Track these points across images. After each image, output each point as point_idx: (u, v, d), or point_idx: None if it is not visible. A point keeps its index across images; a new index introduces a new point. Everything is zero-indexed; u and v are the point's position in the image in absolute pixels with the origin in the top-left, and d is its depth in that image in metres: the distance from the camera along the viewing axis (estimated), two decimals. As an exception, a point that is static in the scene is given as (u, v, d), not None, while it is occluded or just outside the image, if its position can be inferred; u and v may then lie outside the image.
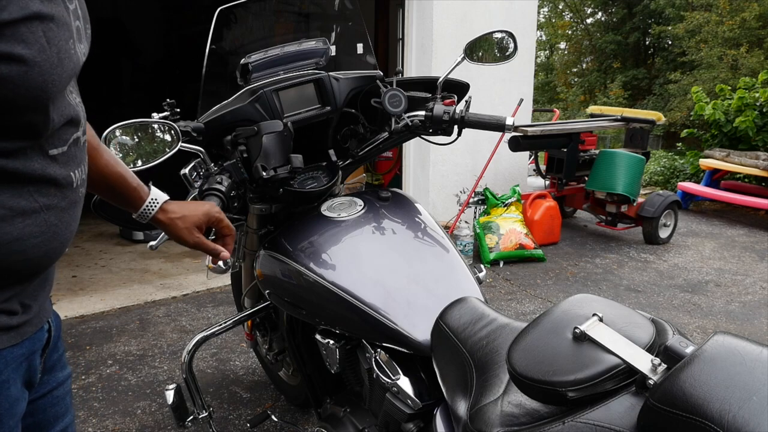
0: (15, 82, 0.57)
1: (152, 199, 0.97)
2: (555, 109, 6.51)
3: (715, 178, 5.69)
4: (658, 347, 0.74)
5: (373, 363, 1.21)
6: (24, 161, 0.63)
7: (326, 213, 1.42)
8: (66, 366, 0.89)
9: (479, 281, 1.32)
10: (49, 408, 0.85)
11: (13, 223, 0.63)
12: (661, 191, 4.55)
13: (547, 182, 4.99)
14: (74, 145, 0.71)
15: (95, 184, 0.91)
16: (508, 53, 1.62)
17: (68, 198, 0.70)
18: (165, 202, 0.98)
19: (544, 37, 22.95)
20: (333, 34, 1.72)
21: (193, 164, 1.28)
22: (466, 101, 1.49)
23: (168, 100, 1.33)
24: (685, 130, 6.73)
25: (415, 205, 1.49)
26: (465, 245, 3.92)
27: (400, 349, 1.18)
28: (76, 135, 0.71)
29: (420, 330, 1.16)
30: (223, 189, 1.24)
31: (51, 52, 0.59)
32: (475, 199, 4.20)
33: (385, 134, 1.54)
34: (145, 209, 0.96)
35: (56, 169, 0.67)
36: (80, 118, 0.71)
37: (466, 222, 4.07)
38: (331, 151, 1.56)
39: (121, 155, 1.16)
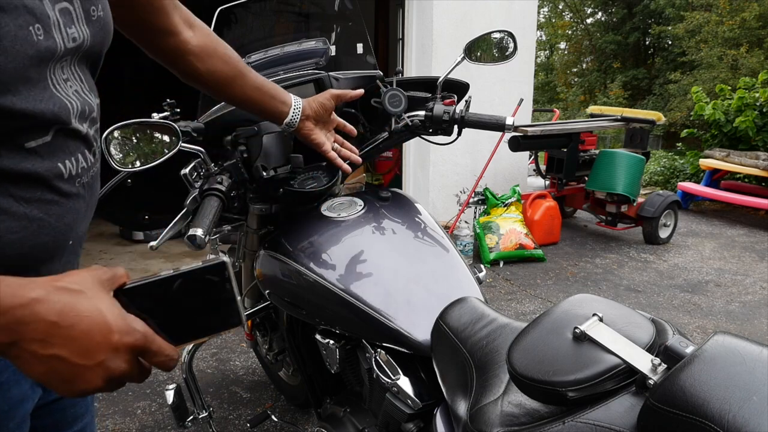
0: None
1: (296, 101, 1.17)
2: (555, 109, 6.51)
3: (715, 178, 5.69)
4: (658, 347, 0.74)
5: (373, 363, 1.21)
6: None
7: (326, 213, 1.42)
8: None
9: (479, 281, 1.32)
10: (69, 408, 0.83)
11: None
12: (661, 191, 4.55)
13: (547, 182, 4.99)
14: (62, 135, 0.66)
15: (255, 101, 1.12)
16: (507, 53, 1.62)
17: (58, 190, 0.66)
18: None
19: (544, 37, 22.96)
20: (333, 34, 1.72)
21: (193, 164, 1.28)
22: (466, 101, 1.49)
23: (168, 100, 1.32)
24: (685, 130, 6.73)
25: (415, 205, 1.49)
26: (465, 245, 3.92)
27: (400, 349, 1.17)
28: (65, 128, 0.66)
29: (420, 330, 1.16)
30: (224, 189, 1.24)
31: None
32: (475, 199, 4.20)
33: (385, 134, 1.54)
34: (294, 111, 1.17)
35: (36, 162, 0.63)
36: (69, 111, 0.66)
37: (466, 222, 4.07)
38: (332, 151, 1.56)
39: (121, 155, 1.16)
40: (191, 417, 1.56)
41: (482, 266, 1.43)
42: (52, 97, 0.63)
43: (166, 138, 1.21)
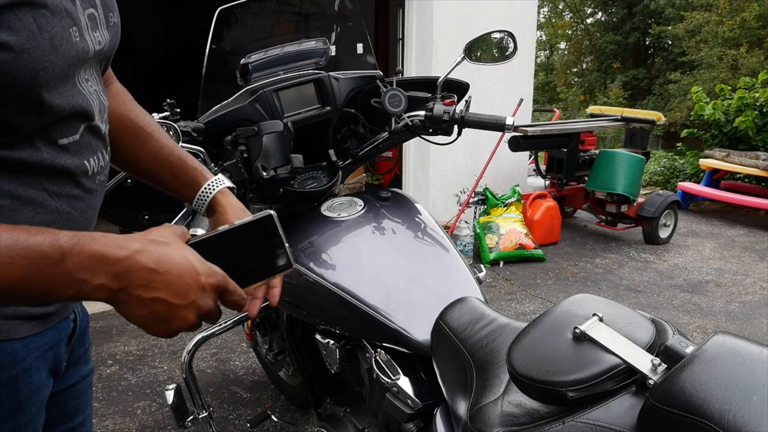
0: (2, 69, 0.56)
1: (216, 180, 0.89)
2: (555, 109, 6.51)
3: (715, 178, 5.69)
4: (658, 347, 0.74)
5: (373, 363, 1.21)
6: (31, 151, 0.63)
7: (326, 213, 1.42)
8: (90, 360, 0.90)
9: (479, 281, 1.32)
10: (71, 401, 0.85)
11: (23, 212, 0.64)
12: (661, 191, 4.55)
13: (547, 182, 4.99)
14: (89, 133, 0.70)
15: (152, 173, 0.87)
16: (507, 53, 1.62)
17: (83, 186, 0.70)
18: (225, 187, 0.89)
19: (544, 37, 22.95)
20: (333, 34, 1.72)
21: None
22: (466, 101, 1.49)
23: (168, 100, 1.33)
24: (685, 130, 6.73)
25: (415, 205, 1.49)
26: (465, 245, 3.92)
27: (400, 349, 1.18)
28: (91, 124, 0.70)
29: (420, 330, 1.16)
30: (223, 189, 1.24)
31: (42, 39, 0.58)
32: (475, 199, 4.20)
33: (385, 134, 1.54)
34: (205, 189, 0.87)
35: (67, 158, 0.67)
36: (93, 108, 0.70)
37: (466, 222, 4.07)
38: (331, 151, 1.56)
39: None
40: (191, 417, 1.55)
41: (482, 266, 1.43)
42: (80, 94, 0.67)
43: (166, 138, 1.21)
